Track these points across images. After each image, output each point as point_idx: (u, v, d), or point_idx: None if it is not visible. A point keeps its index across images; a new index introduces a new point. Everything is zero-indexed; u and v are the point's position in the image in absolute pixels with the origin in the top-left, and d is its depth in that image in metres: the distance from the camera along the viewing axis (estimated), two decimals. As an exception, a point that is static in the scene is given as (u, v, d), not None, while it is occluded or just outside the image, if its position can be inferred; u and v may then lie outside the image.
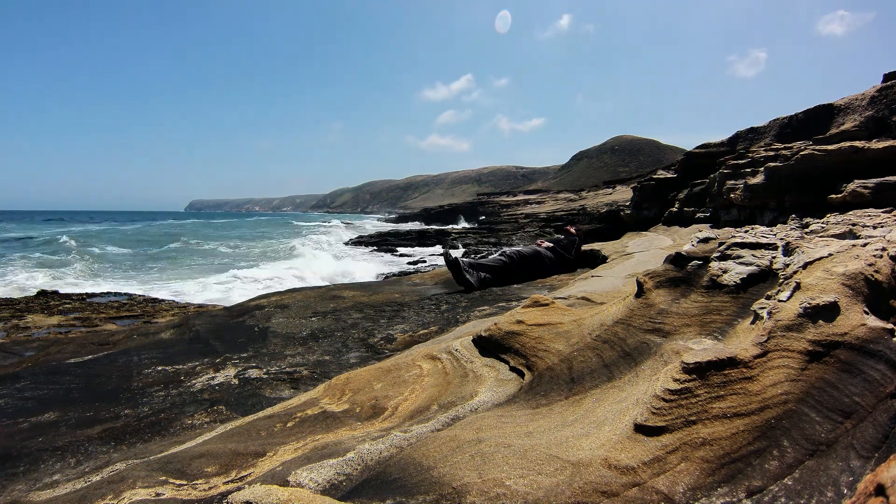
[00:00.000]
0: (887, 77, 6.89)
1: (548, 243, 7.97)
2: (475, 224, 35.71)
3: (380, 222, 61.09)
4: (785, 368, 1.41)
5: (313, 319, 4.90)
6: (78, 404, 3.05)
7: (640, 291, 2.25)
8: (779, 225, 3.76)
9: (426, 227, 35.76)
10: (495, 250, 7.92)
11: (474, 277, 6.64)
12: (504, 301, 5.38)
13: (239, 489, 1.45)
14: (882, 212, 3.81)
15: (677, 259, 2.28)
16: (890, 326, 1.47)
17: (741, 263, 2.08)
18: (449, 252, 6.99)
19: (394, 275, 13.76)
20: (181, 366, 3.71)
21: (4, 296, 10.08)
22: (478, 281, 6.64)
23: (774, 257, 2.08)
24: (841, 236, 2.70)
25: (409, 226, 44.00)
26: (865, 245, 1.97)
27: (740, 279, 2.00)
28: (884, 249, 1.88)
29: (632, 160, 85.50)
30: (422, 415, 2.10)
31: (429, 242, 24.52)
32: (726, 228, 5.21)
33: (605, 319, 2.27)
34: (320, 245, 27.15)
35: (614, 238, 9.96)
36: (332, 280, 13.80)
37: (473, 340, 2.74)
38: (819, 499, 1.13)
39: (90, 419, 2.82)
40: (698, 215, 8.40)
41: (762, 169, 6.42)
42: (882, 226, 2.91)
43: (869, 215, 3.64)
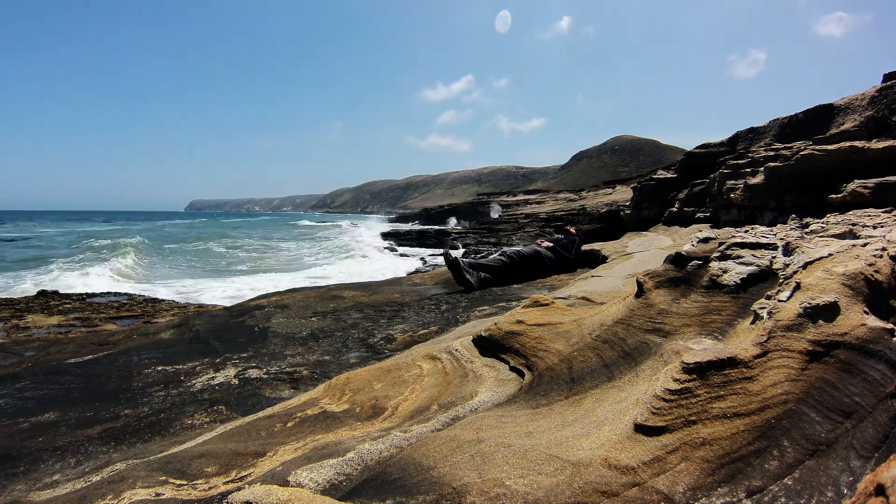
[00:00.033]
0: (887, 77, 6.88)
1: (548, 243, 7.96)
2: (475, 223, 35.78)
3: (380, 222, 61.20)
4: (785, 368, 1.41)
5: (313, 319, 4.90)
6: (78, 404, 3.05)
7: (640, 291, 2.25)
8: (779, 225, 3.76)
9: (426, 227, 35.95)
10: (495, 250, 7.91)
11: (474, 277, 6.64)
12: (504, 301, 5.38)
13: (239, 489, 1.45)
14: (882, 212, 3.81)
15: (677, 259, 2.28)
16: (890, 326, 1.47)
17: (741, 263, 2.08)
18: (449, 252, 6.99)
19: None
20: (181, 366, 3.71)
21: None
22: (478, 281, 6.64)
23: (774, 257, 2.08)
24: (841, 236, 2.70)
25: (409, 226, 44.11)
26: (865, 245, 1.97)
27: (740, 279, 2.00)
28: (884, 249, 1.88)
29: (632, 160, 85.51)
30: (422, 415, 2.10)
31: (428, 243, 24.78)
32: (726, 228, 5.21)
33: (605, 319, 2.27)
34: (365, 242, 28.62)
35: (614, 238, 9.96)
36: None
37: (473, 340, 2.74)
38: (819, 499, 1.13)
39: (90, 419, 2.82)
40: (698, 215, 8.39)
41: (762, 169, 6.42)
42: (882, 226, 2.91)
43: (869, 215, 3.63)
